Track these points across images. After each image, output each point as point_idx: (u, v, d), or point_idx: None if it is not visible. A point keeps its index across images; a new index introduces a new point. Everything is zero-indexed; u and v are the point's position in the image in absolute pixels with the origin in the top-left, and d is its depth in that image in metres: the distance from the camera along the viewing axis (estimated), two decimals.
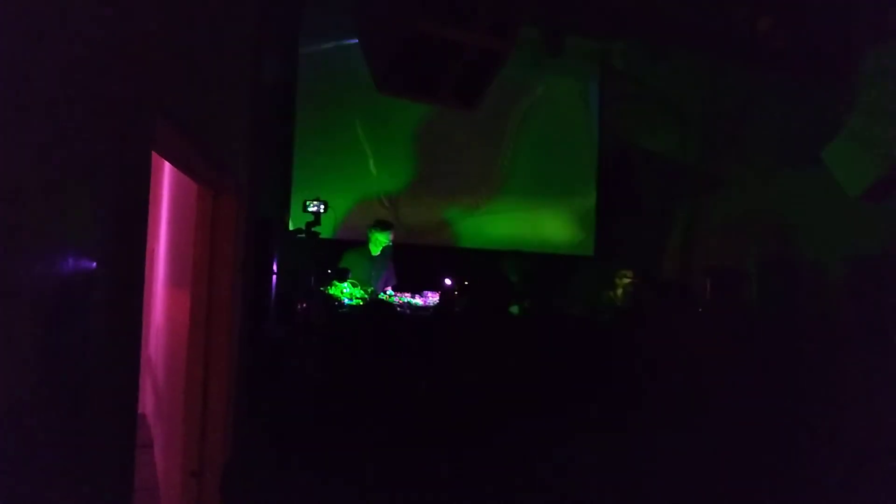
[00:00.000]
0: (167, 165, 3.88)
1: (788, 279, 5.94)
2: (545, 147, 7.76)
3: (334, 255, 5.67)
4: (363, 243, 5.84)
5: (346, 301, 5.10)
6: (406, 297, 5.37)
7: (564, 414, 4.59)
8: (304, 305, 4.75)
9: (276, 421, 3.90)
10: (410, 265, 5.94)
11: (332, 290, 5.09)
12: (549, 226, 7.65)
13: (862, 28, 5.88)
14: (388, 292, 5.52)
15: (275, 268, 4.59)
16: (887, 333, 5.21)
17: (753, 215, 6.57)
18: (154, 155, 2.59)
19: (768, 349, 4.92)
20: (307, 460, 3.63)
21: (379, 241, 5.74)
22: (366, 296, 5.26)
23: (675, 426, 4.51)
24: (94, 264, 1.69)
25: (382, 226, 5.77)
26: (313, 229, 5.04)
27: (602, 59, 7.80)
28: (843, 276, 5.67)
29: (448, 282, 5.48)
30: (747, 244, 6.52)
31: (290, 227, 6.13)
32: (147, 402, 5.33)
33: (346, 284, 5.22)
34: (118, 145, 1.83)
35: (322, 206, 5.09)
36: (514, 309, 5.78)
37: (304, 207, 5.13)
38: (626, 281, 6.29)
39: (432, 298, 5.40)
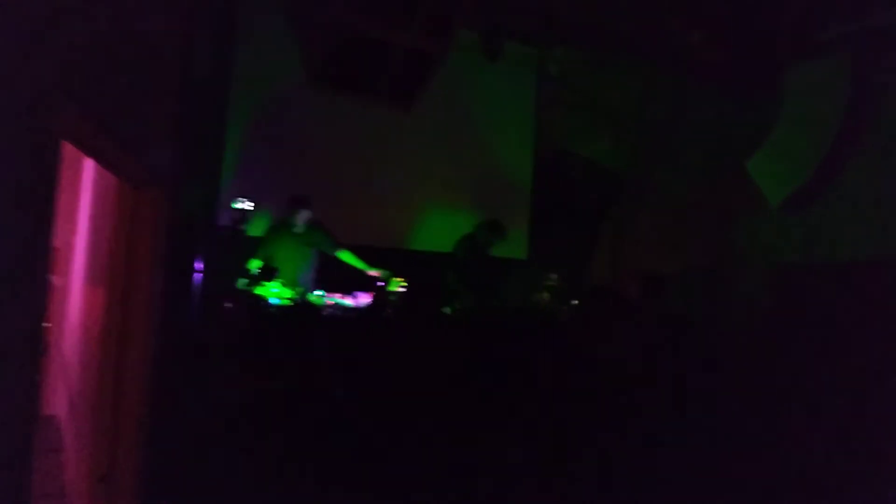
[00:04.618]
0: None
1: (712, 286, 6.13)
2: (482, 150, 7.81)
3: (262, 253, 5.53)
4: (285, 227, 5.65)
5: (274, 301, 4.99)
6: (336, 298, 5.29)
7: (491, 412, 4.62)
8: (229, 305, 4.63)
9: (196, 424, 3.79)
10: (342, 265, 5.85)
11: (259, 290, 4.97)
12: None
13: (788, 44, 6.11)
14: (317, 293, 5.43)
15: (199, 266, 4.45)
16: (809, 340, 5.44)
17: (681, 223, 6.76)
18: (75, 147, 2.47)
19: (689, 352, 5.07)
20: (226, 465, 3.53)
21: (300, 218, 5.57)
22: (295, 296, 5.16)
23: (599, 425, 4.60)
24: None
25: (298, 202, 5.61)
26: (241, 227, 4.92)
27: (539, 65, 7.89)
28: (765, 284, 5.88)
29: (381, 283, 5.44)
30: (674, 251, 6.69)
31: (218, 225, 5.96)
32: (59, 404, 5.10)
33: (273, 284, 5.12)
34: (20, 133, 1.73)
35: (250, 205, 4.98)
36: (448, 310, 5.80)
37: (232, 205, 5.01)
38: (556, 285, 6.41)
39: (363, 299, 5.35)
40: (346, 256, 5.83)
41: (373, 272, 5.67)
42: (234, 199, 5.06)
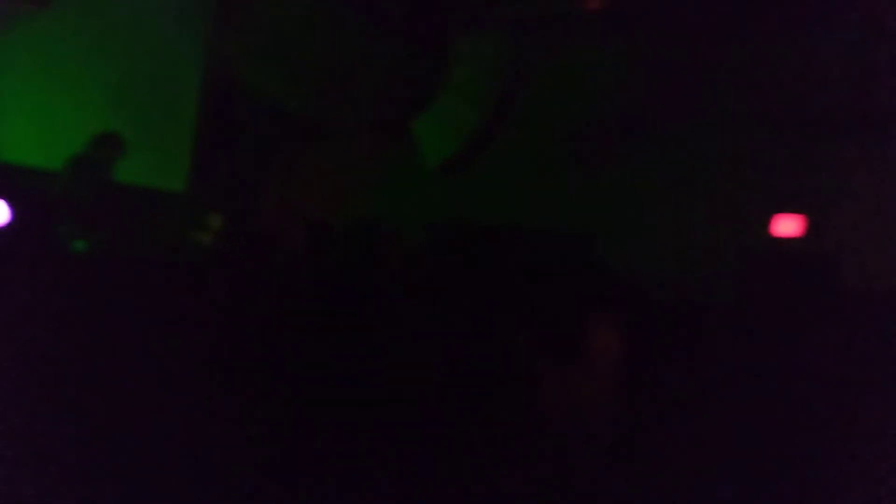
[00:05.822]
0: None
1: (370, 241, 6.31)
2: (139, 64, 6.95)
3: None
4: None
5: None
6: None
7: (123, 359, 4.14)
8: None
9: None
10: None
11: None
12: (135, 151, 6.78)
13: (461, 15, 6.45)
14: None
15: None
16: (456, 301, 5.90)
17: (348, 173, 6.82)
18: None
19: (342, 304, 5.14)
20: None
21: None
22: None
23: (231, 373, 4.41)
24: None
25: None
26: None
27: None
28: (420, 244, 6.22)
29: None
30: (342, 201, 6.74)
31: None
32: None
33: None
34: None
35: None
36: (80, 245, 5.12)
37: None
38: (217, 225, 6.08)
39: None
40: None
41: None
42: None
